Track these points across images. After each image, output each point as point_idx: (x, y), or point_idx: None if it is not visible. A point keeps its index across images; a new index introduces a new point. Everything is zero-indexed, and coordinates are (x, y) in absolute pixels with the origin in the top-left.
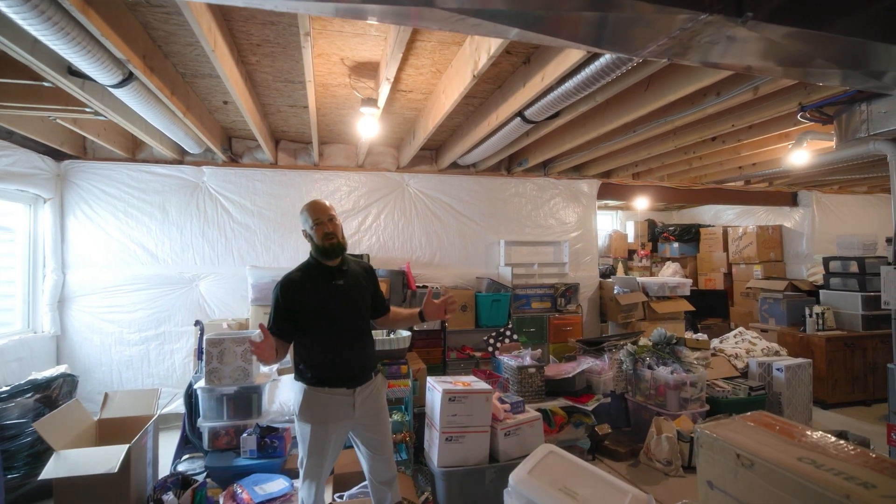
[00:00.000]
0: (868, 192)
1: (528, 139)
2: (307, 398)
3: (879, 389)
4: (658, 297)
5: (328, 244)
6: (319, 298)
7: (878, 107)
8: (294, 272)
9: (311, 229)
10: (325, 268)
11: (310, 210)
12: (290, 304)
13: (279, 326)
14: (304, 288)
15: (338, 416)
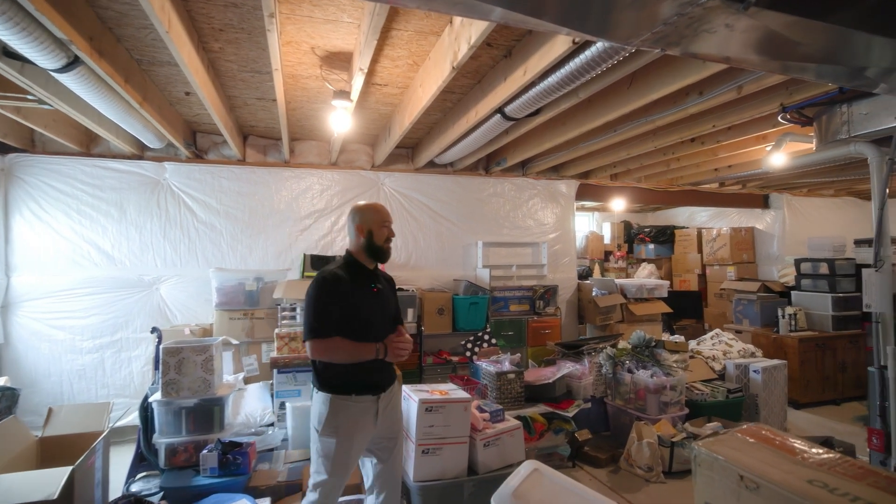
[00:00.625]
0: (835, 195)
1: (507, 137)
2: (333, 409)
3: (848, 388)
4: (636, 298)
5: (388, 248)
6: (361, 299)
7: (859, 108)
8: (335, 269)
9: (376, 228)
10: (366, 270)
11: (378, 210)
12: (334, 298)
13: (324, 326)
14: (350, 285)
15: (362, 427)
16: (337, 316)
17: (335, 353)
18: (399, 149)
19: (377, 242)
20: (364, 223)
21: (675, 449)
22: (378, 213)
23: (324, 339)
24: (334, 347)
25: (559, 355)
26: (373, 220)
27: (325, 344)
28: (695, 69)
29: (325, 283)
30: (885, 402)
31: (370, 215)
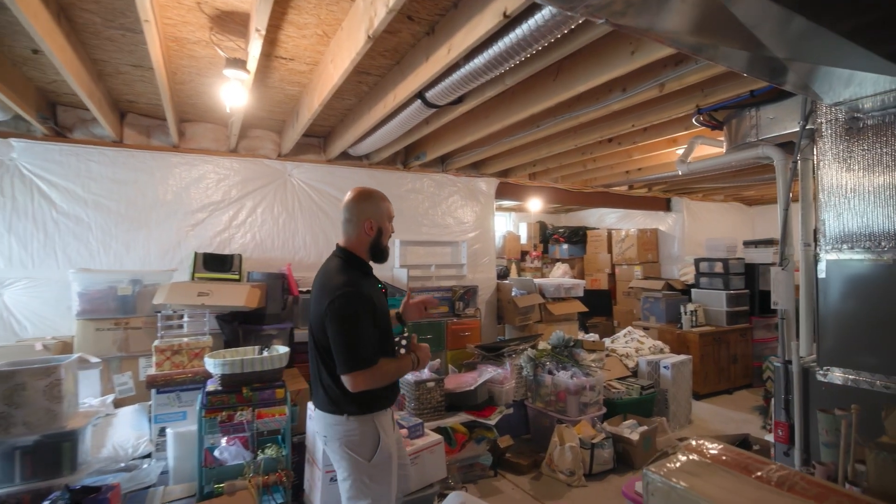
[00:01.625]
0: (724, 200)
1: (427, 128)
2: (382, 425)
3: (739, 378)
4: (554, 298)
5: (387, 247)
6: (379, 302)
7: (767, 112)
8: (358, 280)
9: (387, 225)
10: (370, 269)
11: (389, 203)
12: (373, 316)
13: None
14: (373, 293)
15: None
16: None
17: (382, 379)
18: (309, 137)
19: (383, 242)
20: (376, 217)
21: (595, 450)
22: (388, 208)
23: (371, 368)
24: (382, 374)
25: (479, 359)
26: (385, 215)
27: (372, 373)
28: (621, 61)
29: (363, 300)
30: (790, 395)
31: (384, 208)
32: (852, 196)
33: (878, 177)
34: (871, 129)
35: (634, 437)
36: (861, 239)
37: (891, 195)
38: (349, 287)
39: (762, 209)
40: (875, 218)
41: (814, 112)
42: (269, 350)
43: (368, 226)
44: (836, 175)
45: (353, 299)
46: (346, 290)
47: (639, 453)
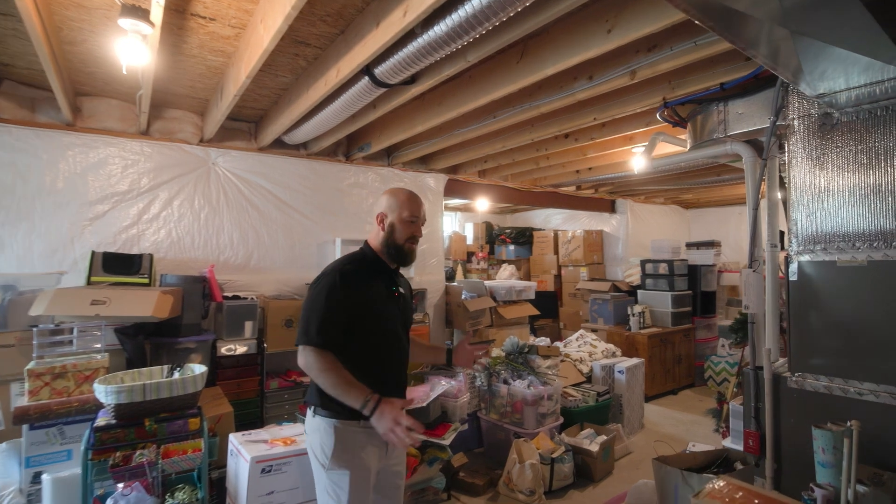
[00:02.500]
0: (664, 203)
1: (374, 113)
2: (340, 438)
3: (683, 378)
4: (505, 301)
5: (410, 248)
6: (380, 301)
7: (736, 107)
8: (350, 263)
9: (401, 222)
10: (385, 268)
11: (409, 200)
12: (349, 298)
13: (324, 334)
14: (367, 284)
15: (372, 460)
16: (345, 323)
17: (318, 375)
18: (238, 121)
19: (397, 240)
20: (387, 211)
21: (555, 465)
22: (407, 204)
23: (319, 350)
24: (321, 368)
25: (429, 368)
26: (398, 211)
27: (314, 357)
28: (596, 41)
29: (337, 276)
30: (760, 403)
31: (396, 203)
32: (825, 195)
33: (852, 175)
34: (845, 126)
35: (594, 449)
36: (834, 240)
37: (865, 195)
38: (332, 266)
39: (698, 212)
40: (849, 218)
41: (784, 108)
42: (182, 371)
43: (379, 219)
44: (808, 174)
45: (327, 277)
46: (327, 269)
47: (598, 465)
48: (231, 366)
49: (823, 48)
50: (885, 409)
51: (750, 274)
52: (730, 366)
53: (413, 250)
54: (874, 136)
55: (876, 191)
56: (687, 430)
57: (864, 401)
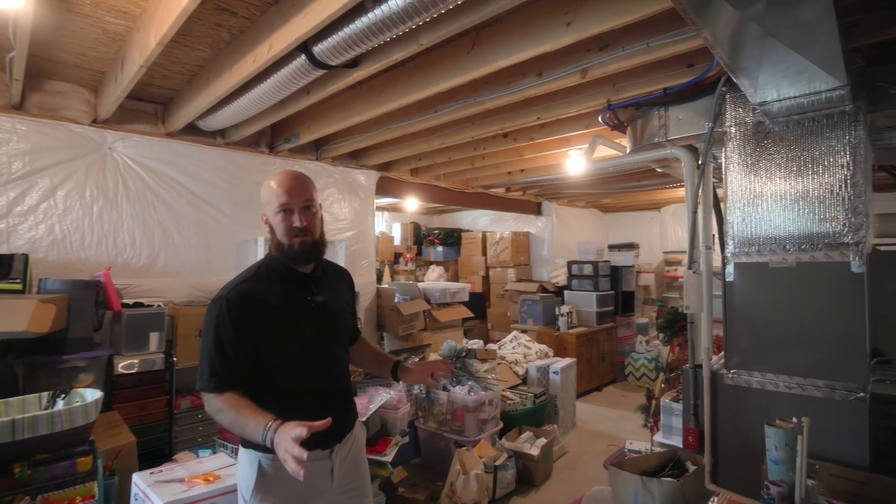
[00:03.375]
0: (585, 206)
1: (306, 99)
2: (264, 473)
3: (605, 375)
4: (439, 303)
5: (297, 245)
6: (291, 318)
7: (676, 113)
8: (244, 283)
9: (275, 216)
10: (295, 275)
11: (278, 185)
12: (245, 327)
13: (217, 373)
14: (267, 304)
15: (312, 495)
16: (255, 349)
17: (218, 417)
18: (142, 101)
19: (281, 239)
20: (264, 209)
21: (498, 473)
22: (275, 193)
23: (213, 394)
24: (216, 410)
25: (361, 377)
26: (270, 204)
27: (211, 402)
28: (553, 34)
29: (226, 305)
30: (698, 400)
31: (266, 196)
32: (759, 200)
33: (782, 182)
34: (777, 135)
35: (535, 452)
36: (767, 242)
37: (794, 200)
38: (222, 291)
39: (615, 216)
40: (780, 222)
41: (722, 115)
42: (67, 398)
43: (264, 220)
44: (743, 179)
45: (213, 307)
46: (217, 294)
47: (539, 469)
48: (132, 385)
49: (785, 54)
50: (813, 402)
51: (690, 275)
52: (648, 361)
53: (304, 244)
54: (802, 145)
55: (804, 196)
56: (615, 426)
57: (795, 395)
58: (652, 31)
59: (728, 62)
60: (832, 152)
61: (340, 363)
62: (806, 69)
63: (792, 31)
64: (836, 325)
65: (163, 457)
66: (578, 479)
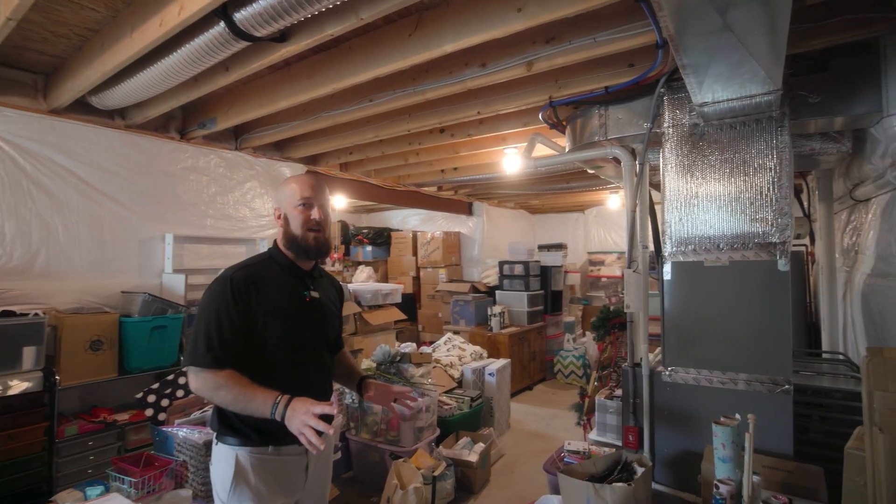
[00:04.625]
0: (514, 207)
1: (225, 77)
2: (242, 469)
3: (536, 373)
4: (371, 306)
5: (312, 238)
6: (287, 309)
7: (616, 113)
8: (250, 266)
9: (292, 209)
10: (296, 269)
11: (299, 183)
12: (244, 308)
13: (214, 349)
14: (269, 291)
15: (288, 490)
16: (250, 330)
17: (214, 394)
18: (17, 70)
19: (293, 231)
20: (280, 204)
21: (437, 484)
22: (296, 189)
23: (211, 370)
24: (216, 385)
25: None
26: (288, 199)
27: (206, 378)
28: (503, 20)
29: (230, 286)
30: (638, 398)
31: (286, 192)
32: (695, 200)
33: (716, 183)
34: (711, 137)
35: (474, 459)
36: (703, 242)
37: (726, 201)
38: (225, 271)
39: (542, 217)
40: (714, 222)
41: (660, 116)
42: None
43: (277, 215)
44: (679, 179)
45: (216, 284)
46: (220, 275)
47: (478, 475)
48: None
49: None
50: (745, 395)
51: (631, 274)
52: (576, 359)
53: (318, 239)
54: (734, 147)
55: (736, 197)
56: (548, 425)
57: (727, 389)
58: (598, 25)
59: (682, 56)
60: (761, 155)
61: (325, 366)
62: (749, 70)
63: (748, 27)
64: (764, 321)
65: (38, 497)
66: (517, 483)
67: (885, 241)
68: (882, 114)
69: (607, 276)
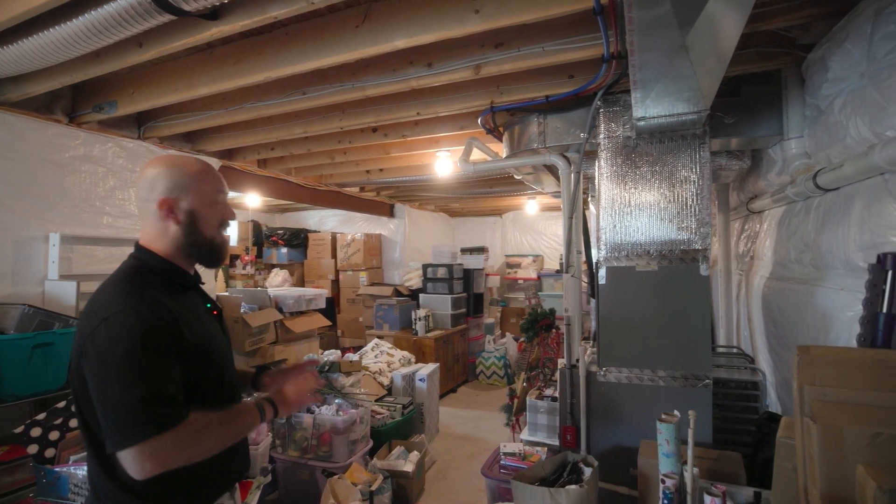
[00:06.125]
0: (434, 210)
1: (137, 54)
2: None
3: (459, 376)
4: (293, 312)
5: (223, 241)
6: (210, 335)
7: (554, 122)
8: (140, 288)
9: (206, 204)
10: (190, 280)
11: (206, 170)
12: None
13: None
14: (182, 313)
15: None
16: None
17: (198, 445)
18: None
19: (205, 233)
20: (177, 194)
21: (374, 499)
22: (205, 176)
23: (174, 428)
24: (197, 433)
25: None
26: (196, 189)
27: (179, 437)
28: (459, 21)
29: (148, 318)
30: (574, 399)
31: (188, 179)
32: (627, 209)
33: (647, 192)
34: (642, 150)
35: (410, 469)
36: (635, 248)
37: (655, 210)
38: (123, 305)
39: (462, 220)
40: (645, 229)
41: (596, 127)
42: None
43: (167, 208)
44: (613, 188)
45: (127, 325)
46: (116, 311)
47: (414, 485)
48: None
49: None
50: (673, 391)
51: (568, 278)
52: (497, 360)
53: (225, 243)
54: (662, 160)
55: (665, 207)
56: (476, 427)
57: (658, 386)
58: (546, 35)
59: (636, 72)
60: (685, 168)
61: (238, 383)
62: (690, 88)
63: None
64: (687, 322)
65: None
66: (452, 489)
67: (783, 249)
68: (782, 137)
69: (524, 279)
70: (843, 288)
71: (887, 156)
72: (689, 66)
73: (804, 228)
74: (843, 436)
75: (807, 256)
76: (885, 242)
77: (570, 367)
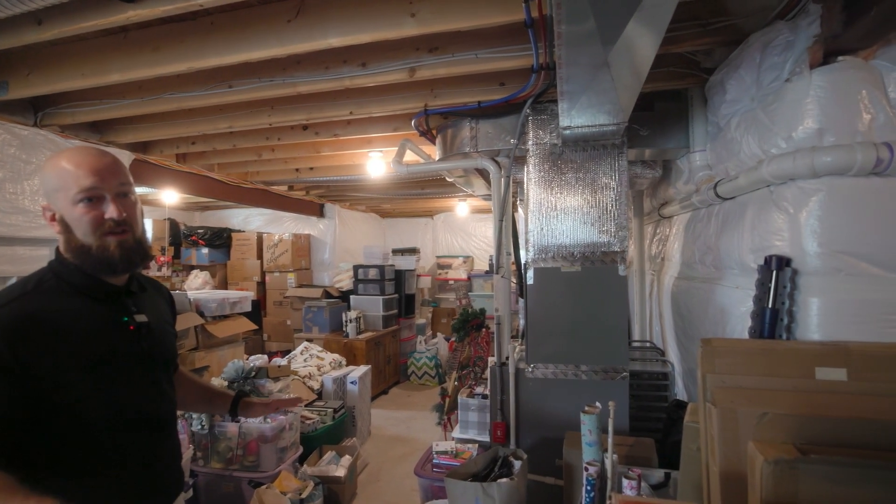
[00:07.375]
0: (365, 210)
1: (36, 33)
2: None
3: (391, 377)
4: (215, 316)
5: (114, 246)
6: (101, 352)
7: (486, 127)
8: (19, 300)
9: (71, 206)
10: (102, 288)
11: (76, 165)
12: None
13: None
14: (64, 332)
15: None
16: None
17: None
18: None
19: (81, 240)
20: (50, 200)
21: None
22: (73, 174)
23: None
24: None
25: None
26: (62, 192)
27: None
28: (396, 20)
29: None
30: (504, 395)
31: (56, 181)
32: (553, 212)
33: (571, 197)
34: (568, 157)
35: (342, 473)
36: (560, 250)
37: (579, 214)
38: None
39: (393, 221)
40: (569, 232)
41: (525, 134)
42: None
43: (48, 216)
44: (540, 193)
45: None
46: None
47: (346, 489)
48: None
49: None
50: (593, 384)
51: (499, 279)
52: (429, 360)
53: (124, 245)
54: (585, 168)
55: (587, 211)
56: (408, 427)
57: (577, 380)
58: (479, 43)
59: (563, 83)
60: (605, 176)
61: (169, 406)
62: (610, 101)
63: (620, 66)
64: (607, 319)
65: None
66: (385, 491)
67: (689, 251)
68: (689, 149)
69: (454, 279)
70: (738, 286)
71: (772, 170)
72: (610, 81)
73: (707, 233)
74: (737, 417)
75: (709, 258)
76: (770, 246)
77: (501, 365)
